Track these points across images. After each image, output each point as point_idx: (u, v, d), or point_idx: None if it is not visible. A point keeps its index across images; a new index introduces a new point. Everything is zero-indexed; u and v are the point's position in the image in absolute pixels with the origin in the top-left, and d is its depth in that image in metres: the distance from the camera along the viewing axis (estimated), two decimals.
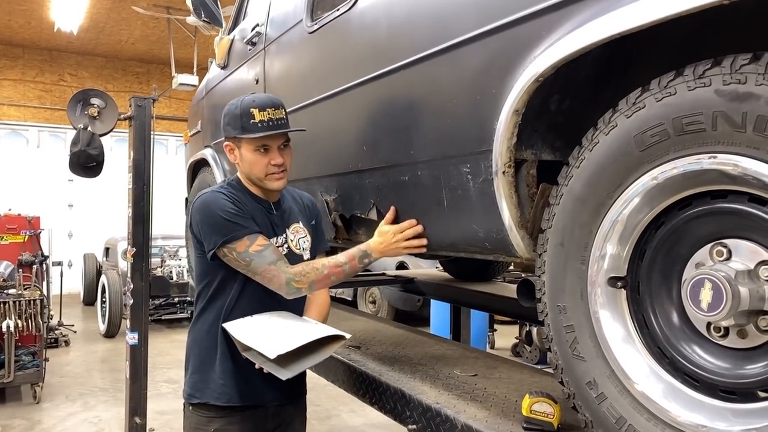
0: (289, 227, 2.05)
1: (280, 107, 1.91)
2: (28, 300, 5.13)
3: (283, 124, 1.90)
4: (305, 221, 2.11)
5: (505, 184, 1.52)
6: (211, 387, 1.95)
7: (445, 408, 1.73)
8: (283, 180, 1.96)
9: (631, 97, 1.21)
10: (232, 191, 1.96)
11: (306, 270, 1.87)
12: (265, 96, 1.96)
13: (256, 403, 1.97)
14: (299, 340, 1.74)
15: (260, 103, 1.88)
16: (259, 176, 1.94)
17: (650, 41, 1.34)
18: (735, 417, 1.06)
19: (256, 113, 1.85)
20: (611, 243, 1.26)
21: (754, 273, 1.08)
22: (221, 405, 1.93)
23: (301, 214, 2.11)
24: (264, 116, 1.85)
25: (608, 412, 1.25)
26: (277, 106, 1.90)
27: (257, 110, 1.85)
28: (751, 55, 1.02)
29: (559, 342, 1.37)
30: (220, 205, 1.87)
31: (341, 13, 2.20)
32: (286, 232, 2.03)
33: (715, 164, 1.06)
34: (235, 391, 1.93)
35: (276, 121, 1.88)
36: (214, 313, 1.97)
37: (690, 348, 1.18)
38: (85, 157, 3.91)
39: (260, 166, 1.91)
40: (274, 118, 1.87)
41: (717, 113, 1.04)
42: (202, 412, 1.96)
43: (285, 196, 2.10)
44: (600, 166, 1.26)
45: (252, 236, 1.86)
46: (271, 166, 1.91)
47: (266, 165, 1.91)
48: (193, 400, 1.98)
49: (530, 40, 1.40)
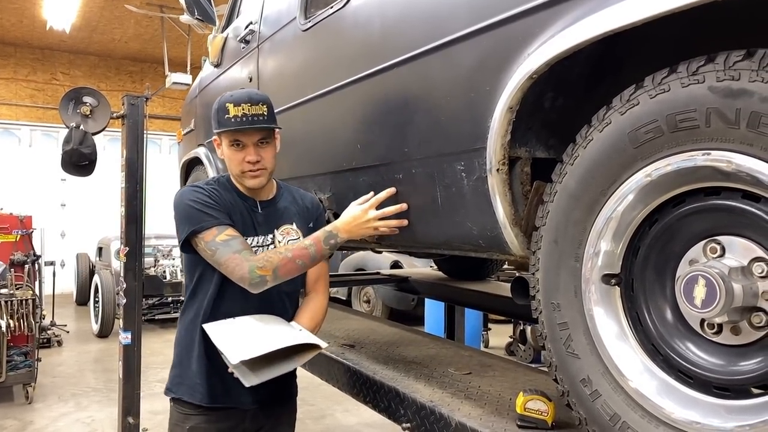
0: (279, 228, 1.98)
1: (259, 103, 1.84)
2: (20, 300, 5.10)
3: (258, 120, 1.83)
4: (301, 223, 2.03)
5: (499, 182, 1.52)
6: (186, 384, 1.94)
7: (439, 406, 1.73)
8: (259, 178, 1.90)
9: (625, 94, 1.21)
10: (215, 186, 1.93)
11: (269, 255, 1.81)
12: (245, 91, 1.89)
13: (232, 405, 1.94)
14: (266, 347, 1.68)
15: (236, 98, 1.83)
16: (235, 173, 1.90)
17: (643, 38, 1.34)
18: (729, 413, 1.06)
19: (231, 108, 1.81)
20: (605, 240, 1.26)
21: (748, 270, 1.08)
22: (196, 403, 1.92)
23: (297, 216, 2.03)
24: (238, 111, 1.81)
25: (602, 409, 1.24)
26: (255, 101, 1.84)
27: (232, 105, 1.81)
28: (744, 52, 1.02)
29: (553, 339, 1.37)
30: (192, 196, 1.87)
31: (335, 11, 2.19)
32: (275, 233, 1.97)
33: (708, 161, 1.06)
34: (210, 391, 1.91)
35: (250, 117, 1.81)
36: (194, 310, 1.95)
37: (684, 345, 1.18)
38: (78, 155, 3.87)
39: (235, 162, 1.87)
40: (249, 114, 1.81)
41: (711, 110, 1.04)
42: (179, 408, 1.96)
43: (282, 196, 2.04)
44: (594, 163, 1.26)
45: (221, 227, 1.82)
46: (245, 163, 1.86)
47: (241, 161, 1.86)
48: (170, 395, 1.98)
49: (524, 38, 1.40)
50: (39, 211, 7.23)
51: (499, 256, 1.70)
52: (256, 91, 1.88)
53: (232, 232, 1.83)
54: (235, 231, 1.84)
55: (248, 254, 1.80)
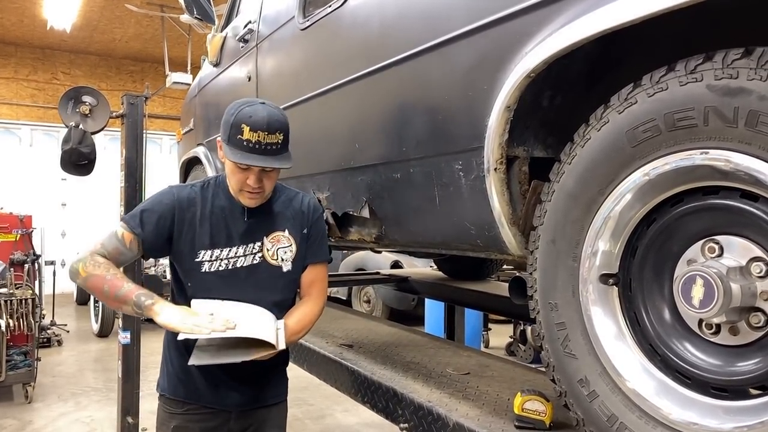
0: (268, 235, 1.87)
1: (277, 132, 1.70)
2: (19, 299, 5.09)
3: (272, 150, 1.70)
4: (294, 229, 1.90)
5: (497, 181, 1.51)
6: (168, 381, 1.93)
7: (437, 406, 1.72)
8: (255, 200, 1.81)
9: (623, 92, 1.20)
10: (206, 187, 1.89)
11: (98, 264, 1.75)
12: (267, 114, 1.70)
13: (214, 405, 1.90)
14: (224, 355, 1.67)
15: (255, 121, 1.68)
16: (234, 187, 1.81)
17: (641, 36, 1.33)
18: (726, 414, 1.05)
19: (246, 131, 1.67)
20: (603, 240, 1.25)
21: (746, 269, 1.08)
22: (179, 399, 1.90)
23: (289, 221, 1.91)
24: (252, 137, 1.67)
25: (600, 410, 1.24)
26: (274, 130, 1.69)
27: (248, 128, 1.67)
28: (743, 50, 1.01)
29: (550, 339, 1.36)
30: (157, 199, 1.85)
31: (333, 10, 2.19)
32: (263, 240, 1.86)
33: (707, 160, 1.06)
34: (191, 390, 1.88)
35: (264, 146, 1.68)
36: None
37: (681, 345, 1.17)
38: (77, 155, 3.87)
39: (236, 180, 1.78)
40: (264, 143, 1.68)
41: (709, 108, 1.03)
42: (165, 407, 1.93)
43: (277, 200, 1.92)
44: (592, 162, 1.25)
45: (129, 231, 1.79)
46: (245, 184, 1.76)
47: (241, 182, 1.76)
48: (157, 389, 1.97)
49: (521, 37, 1.39)
50: (39, 211, 7.24)
51: (497, 255, 1.70)
52: (277, 114, 1.72)
53: (126, 238, 1.79)
54: (131, 240, 1.79)
55: (97, 251, 1.78)
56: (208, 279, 1.82)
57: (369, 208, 2.10)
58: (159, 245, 1.83)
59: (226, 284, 1.83)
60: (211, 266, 1.82)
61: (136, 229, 1.79)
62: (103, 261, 1.76)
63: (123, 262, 1.84)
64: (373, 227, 2.17)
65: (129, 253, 1.82)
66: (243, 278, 1.84)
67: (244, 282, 1.84)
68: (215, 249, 1.83)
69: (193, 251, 1.82)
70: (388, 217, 2.05)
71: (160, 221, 1.81)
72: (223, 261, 1.83)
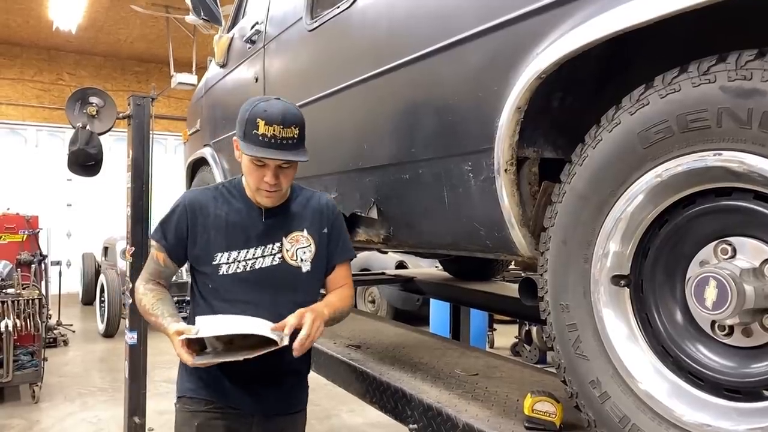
0: (287, 236, 1.86)
1: (292, 125, 1.69)
2: (26, 299, 5.11)
3: (289, 144, 1.70)
4: (313, 229, 1.90)
5: (507, 182, 1.51)
6: (190, 381, 1.91)
7: (446, 407, 1.72)
8: (272, 199, 1.81)
9: (635, 94, 1.20)
10: (222, 189, 1.91)
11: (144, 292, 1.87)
12: (282, 108, 1.71)
13: (234, 407, 1.89)
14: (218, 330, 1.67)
15: (270, 115, 1.68)
16: (251, 185, 1.82)
17: (653, 37, 1.33)
18: (740, 416, 1.05)
19: (261, 125, 1.67)
20: (614, 241, 1.25)
21: (759, 271, 1.07)
22: (201, 398, 1.89)
23: (308, 221, 1.90)
24: (268, 131, 1.67)
25: (611, 411, 1.24)
26: (289, 123, 1.69)
27: (263, 123, 1.67)
28: (756, 51, 1.01)
29: (561, 341, 1.36)
30: (172, 208, 1.88)
31: (341, 11, 2.19)
32: (283, 241, 1.85)
33: (720, 161, 1.05)
34: (216, 390, 1.88)
35: (280, 140, 1.68)
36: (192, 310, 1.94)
37: (694, 347, 1.17)
38: (84, 155, 3.89)
39: (253, 177, 1.78)
40: (279, 137, 1.67)
41: (722, 110, 1.03)
42: (185, 407, 1.92)
43: (295, 200, 1.92)
44: (603, 163, 1.25)
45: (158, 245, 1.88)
46: (263, 182, 1.75)
47: (259, 180, 1.76)
48: (178, 394, 1.95)
49: (532, 37, 1.39)
50: (45, 211, 7.26)
51: (507, 256, 1.70)
52: (292, 109, 1.73)
53: (159, 257, 1.88)
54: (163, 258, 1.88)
55: (143, 280, 1.90)
56: (227, 281, 1.82)
57: (377, 208, 2.11)
58: (184, 252, 1.87)
59: (245, 286, 1.82)
60: (228, 268, 1.82)
61: (161, 241, 1.85)
62: (143, 293, 1.86)
63: (167, 278, 1.93)
64: (381, 228, 2.17)
65: (167, 270, 1.90)
66: (262, 279, 1.83)
67: (263, 283, 1.83)
68: (232, 251, 1.82)
69: (209, 254, 1.83)
70: (397, 218, 2.06)
71: (178, 227, 1.84)
72: (240, 263, 1.82)
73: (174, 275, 1.97)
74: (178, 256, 1.87)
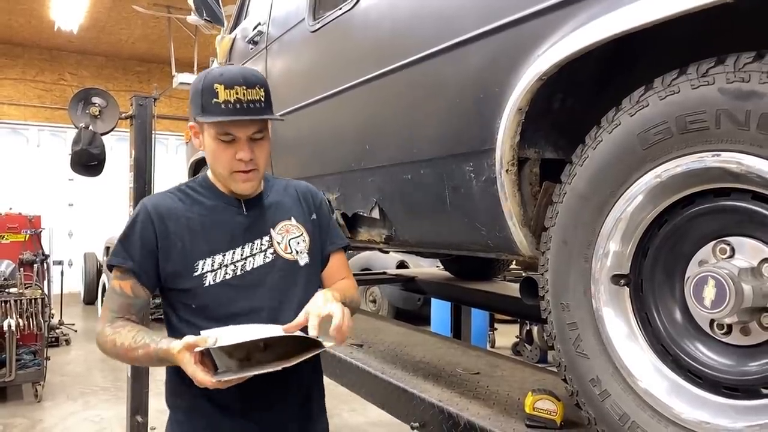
0: (275, 227, 1.61)
1: (256, 86, 1.46)
2: (29, 299, 5.14)
3: (256, 108, 1.45)
4: (301, 217, 1.66)
5: (509, 183, 1.52)
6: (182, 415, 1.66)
7: (448, 406, 1.73)
8: (251, 182, 1.54)
9: (635, 95, 1.22)
10: (186, 189, 1.60)
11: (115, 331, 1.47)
12: (238, 69, 1.50)
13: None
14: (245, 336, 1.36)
15: (228, 77, 1.44)
16: (222, 173, 1.53)
17: (654, 40, 1.35)
18: (738, 414, 1.06)
19: (221, 91, 1.42)
20: (614, 241, 1.27)
21: (757, 270, 1.09)
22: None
23: (293, 209, 1.66)
24: (230, 96, 1.42)
25: (612, 409, 1.25)
26: (252, 84, 1.45)
27: (222, 87, 1.42)
28: (754, 54, 1.02)
29: (562, 339, 1.38)
30: (131, 220, 1.55)
31: (343, 12, 2.21)
32: (271, 234, 1.59)
33: (718, 162, 1.07)
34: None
35: (246, 104, 1.43)
36: None
37: (693, 345, 1.18)
38: (87, 156, 3.92)
39: (223, 159, 1.50)
40: (244, 100, 1.43)
41: (720, 111, 1.05)
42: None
43: (271, 189, 1.67)
44: (603, 164, 1.27)
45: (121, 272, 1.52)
46: (236, 162, 1.49)
47: (230, 159, 1.49)
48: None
49: (533, 39, 1.41)
50: (47, 211, 7.27)
51: (508, 256, 1.72)
52: (252, 70, 1.51)
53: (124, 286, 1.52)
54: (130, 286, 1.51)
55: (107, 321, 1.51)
56: (215, 292, 1.51)
57: (379, 208, 2.12)
58: (155, 272, 1.53)
59: (238, 293, 1.52)
60: (215, 276, 1.51)
61: (125, 264, 1.50)
62: (112, 333, 1.48)
63: (140, 311, 1.55)
64: (383, 228, 2.18)
65: (138, 300, 1.53)
66: (257, 281, 1.54)
67: (259, 286, 1.54)
68: (216, 255, 1.52)
69: (188, 265, 1.51)
70: (399, 217, 2.07)
71: (144, 239, 1.51)
72: (228, 267, 1.53)
73: (146, 308, 1.61)
74: (149, 277, 1.52)
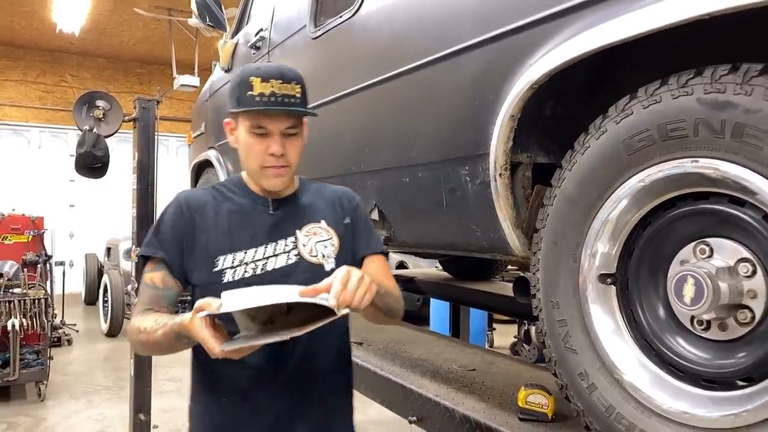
0: (302, 229, 1.54)
1: (292, 81, 1.44)
2: (32, 299, 5.20)
3: (291, 102, 1.43)
4: (332, 220, 1.57)
5: (502, 186, 1.59)
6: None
7: (444, 400, 1.80)
8: (281, 178, 1.50)
9: (620, 104, 1.29)
10: (220, 187, 1.61)
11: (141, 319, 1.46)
12: (276, 65, 1.49)
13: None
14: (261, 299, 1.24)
15: (265, 71, 1.43)
16: (254, 167, 1.49)
17: (640, 50, 1.41)
18: (714, 404, 1.13)
19: (257, 84, 1.41)
20: (602, 242, 1.34)
21: (734, 270, 1.15)
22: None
23: (325, 212, 1.59)
24: (266, 88, 1.41)
25: (598, 401, 1.32)
26: (289, 79, 1.43)
27: (259, 80, 1.42)
28: (730, 66, 1.09)
29: (552, 335, 1.45)
30: (164, 212, 1.56)
31: (344, 20, 2.27)
32: (297, 235, 1.53)
33: (697, 168, 1.14)
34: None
35: (281, 98, 1.42)
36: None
37: (675, 340, 1.26)
38: (91, 158, 3.98)
39: (255, 153, 1.47)
40: (279, 93, 1.41)
41: (699, 120, 1.11)
42: None
43: (304, 191, 1.62)
44: (591, 169, 1.34)
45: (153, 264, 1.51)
46: (268, 156, 1.46)
47: (262, 153, 1.46)
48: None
49: (525, 49, 1.48)
50: (48, 212, 7.33)
51: (502, 256, 1.78)
52: (291, 67, 1.49)
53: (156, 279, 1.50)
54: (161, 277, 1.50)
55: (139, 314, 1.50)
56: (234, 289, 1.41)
57: (378, 210, 2.19)
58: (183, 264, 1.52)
59: None
60: (234, 273, 1.48)
61: (157, 255, 1.50)
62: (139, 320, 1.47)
63: (171, 303, 1.53)
64: (382, 229, 2.25)
65: (169, 293, 1.51)
66: (278, 282, 1.46)
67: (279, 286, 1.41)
68: (237, 252, 1.50)
69: (209, 259, 1.50)
70: (397, 219, 2.14)
71: (175, 230, 1.52)
72: (249, 265, 1.49)
73: (178, 299, 1.56)
74: (179, 270, 1.51)
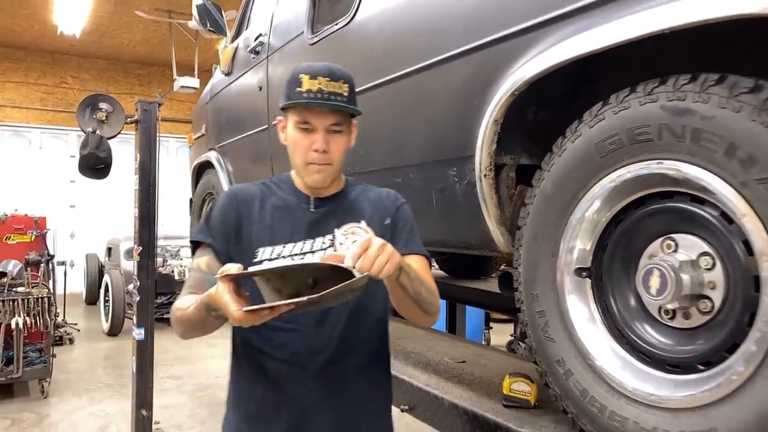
0: (341, 228, 1.50)
1: (340, 80, 1.46)
2: (36, 298, 5.29)
3: (336, 99, 1.45)
4: (373, 221, 1.53)
5: (487, 186, 1.69)
6: None
7: (434, 389, 1.90)
8: (323, 174, 1.50)
9: (594, 109, 1.39)
10: (269, 183, 1.64)
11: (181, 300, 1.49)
12: (326, 64, 1.50)
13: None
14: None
15: (314, 69, 1.45)
16: (299, 163, 1.51)
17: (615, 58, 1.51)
18: (677, 386, 1.23)
19: (305, 80, 1.43)
20: (578, 238, 1.44)
21: (696, 263, 1.25)
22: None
23: (366, 212, 1.57)
24: (313, 85, 1.43)
25: (574, 386, 1.42)
26: (337, 77, 1.46)
27: (307, 77, 1.43)
28: (690, 76, 1.19)
29: (532, 326, 1.54)
30: (216, 203, 1.62)
31: (339, 28, 2.37)
32: (335, 234, 1.50)
33: (661, 169, 1.24)
34: None
35: (327, 95, 1.44)
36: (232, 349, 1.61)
37: (644, 328, 1.36)
38: (94, 159, 4.07)
39: (300, 148, 1.49)
40: (326, 90, 1.43)
41: (662, 125, 1.21)
42: None
43: (348, 192, 1.62)
44: (567, 170, 1.44)
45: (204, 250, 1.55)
46: (311, 152, 1.48)
47: (306, 149, 1.48)
48: None
49: (507, 58, 1.58)
50: (49, 212, 7.42)
51: (488, 252, 1.88)
52: (340, 67, 1.51)
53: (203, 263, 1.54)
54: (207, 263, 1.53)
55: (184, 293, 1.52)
56: None
57: None
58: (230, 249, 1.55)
59: None
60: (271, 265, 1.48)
61: (206, 240, 1.55)
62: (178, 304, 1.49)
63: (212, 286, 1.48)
64: None
65: (212, 276, 1.44)
66: None
67: None
68: (276, 245, 1.53)
69: (251, 249, 1.53)
70: None
71: (225, 219, 1.57)
72: (285, 259, 1.52)
73: None
74: (226, 255, 1.52)
